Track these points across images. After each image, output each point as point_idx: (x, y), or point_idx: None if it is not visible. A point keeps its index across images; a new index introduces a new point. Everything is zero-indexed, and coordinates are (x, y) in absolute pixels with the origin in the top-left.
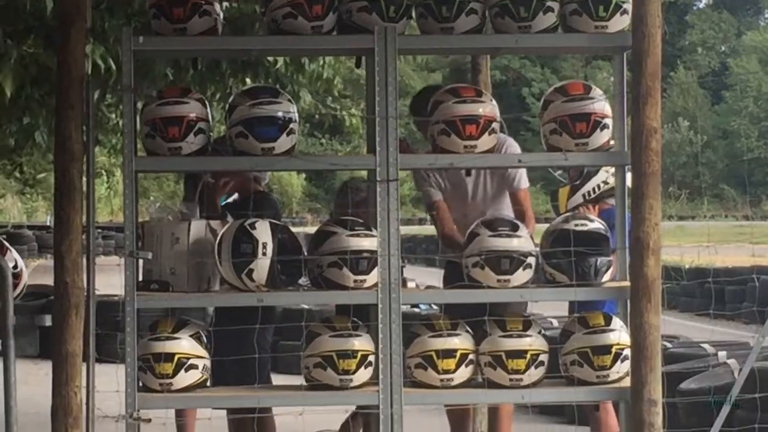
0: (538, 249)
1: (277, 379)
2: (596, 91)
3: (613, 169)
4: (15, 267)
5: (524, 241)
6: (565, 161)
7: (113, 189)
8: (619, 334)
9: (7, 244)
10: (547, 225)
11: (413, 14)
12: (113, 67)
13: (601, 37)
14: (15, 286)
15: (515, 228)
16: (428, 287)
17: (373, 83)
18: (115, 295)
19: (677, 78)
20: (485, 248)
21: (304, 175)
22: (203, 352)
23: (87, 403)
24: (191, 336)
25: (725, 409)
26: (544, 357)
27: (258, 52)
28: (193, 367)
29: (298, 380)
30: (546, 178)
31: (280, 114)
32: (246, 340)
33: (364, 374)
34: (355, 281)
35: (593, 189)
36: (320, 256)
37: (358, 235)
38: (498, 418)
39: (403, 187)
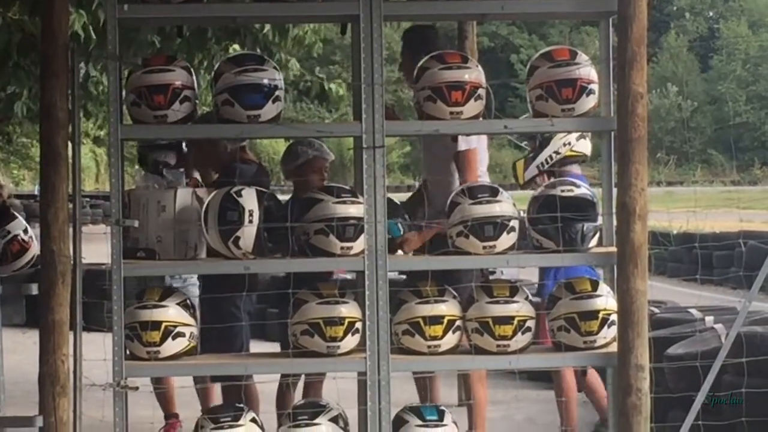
0: (520, 212)
1: (265, 347)
2: (582, 57)
3: (565, 139)
4: (26, 231)
5: (505, 205)
6: (551, 127)
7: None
8: (606, 300)
9: (14, 212)
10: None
11: None
12: (93, 36)
13: (587, 2)
14: (24, 251)
15: (495, 193)
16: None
17: (359, 50)
18: (102, 264)
19: (667, 43)
20: (467, 216)
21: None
22: (190, 320)
23: (74, 372)
24: (178, 304)
25: (712, 374)
26: (531, 323)
27: (243, 18)
28: (180, 334)
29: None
30: None
31: (265, 81)
32: (220, 309)
33: (351, 341)
34: (342, 248)
35: (546, 160)
36: (307, 224)
37: (344, 202)
38: (469, 382)
39: (391, 154)
